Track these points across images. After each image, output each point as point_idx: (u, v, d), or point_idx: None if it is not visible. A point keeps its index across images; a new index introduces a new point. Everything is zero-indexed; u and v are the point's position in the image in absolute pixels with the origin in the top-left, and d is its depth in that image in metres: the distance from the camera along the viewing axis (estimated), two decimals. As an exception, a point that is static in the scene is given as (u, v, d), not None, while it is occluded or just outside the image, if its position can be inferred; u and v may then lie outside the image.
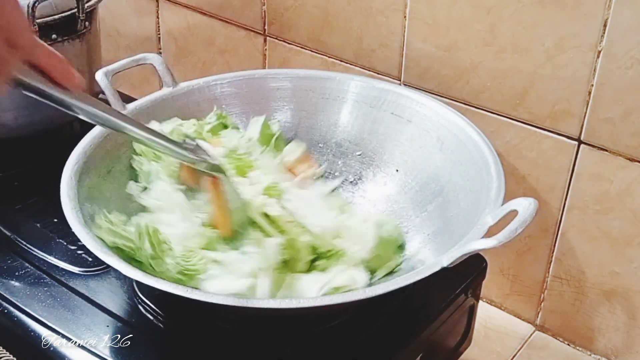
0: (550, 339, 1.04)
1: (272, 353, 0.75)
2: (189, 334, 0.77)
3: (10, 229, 0.93)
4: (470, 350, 0.94)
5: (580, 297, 0.99)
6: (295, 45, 1.16)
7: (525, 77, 0.93)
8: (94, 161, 0.84)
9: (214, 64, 1.30)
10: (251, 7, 1.19)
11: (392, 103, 0.95)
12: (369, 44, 1.07)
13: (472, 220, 0.74)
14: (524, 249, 1.02)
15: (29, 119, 1.05)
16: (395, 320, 0.80)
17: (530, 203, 0.67)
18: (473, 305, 0.90)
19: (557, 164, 0.95)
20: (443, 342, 0.88)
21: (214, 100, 0.97)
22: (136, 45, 1.42)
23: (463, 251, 0.66)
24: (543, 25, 0.89)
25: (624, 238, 0.93)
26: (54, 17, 1.02)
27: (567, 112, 0.91)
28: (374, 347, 0.77)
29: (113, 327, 0.78)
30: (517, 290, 1.06)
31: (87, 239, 0.71)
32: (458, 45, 0.97)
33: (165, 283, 0.67)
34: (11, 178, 1.04)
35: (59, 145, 0.91)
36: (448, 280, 0.84)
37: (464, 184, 0.84)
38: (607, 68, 0.86)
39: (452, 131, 0.88)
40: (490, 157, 0.82)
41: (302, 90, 0.99)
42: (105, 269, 0.86)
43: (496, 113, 0.97)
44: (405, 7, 1.00)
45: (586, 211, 0.95)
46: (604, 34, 0.85)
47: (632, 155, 0.88)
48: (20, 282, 0.85)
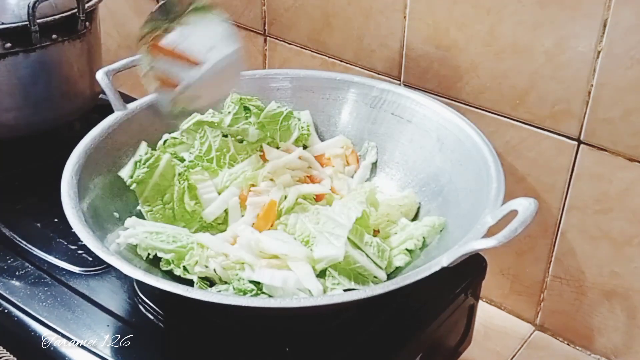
0: (550, 339, 1.04)
1: (272, 353, 0.75)
2: (189, 334, 0.77)
3: (11, 229, 0.94)
4: (470, 350, 0.94)
5: (580, 297, 0.99)
6: (295, 45, 1.17)
7: (525, 77, 0.93)
8: (94, 161, 0.84)
9: (214, 64, 1.30)
10: (251, 7, 1.19)
11: (392, 103, 0.95)
12: (369, 44, 1.07)
13: (472, 220, 0.74)
14: (524, 249, 1.02)
15: (29, 119, 1.05)
16: (395, 320, 0.80)
17: (531, 203, 0.67)
18: (473, 305, 0.90)
19: (557, 164, 0.95)
20: (443, 342, 0.88)
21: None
22: (136, 46, 1.42)
23: (463, 251, 0.66)
24: (543, 25, 0.89)
25: (624, 238, 0.93)
26: (54, 17, 1.02)
27: (567, 112, 0.91)
28: (374, 346, 0.77)
29: (113, 326, 0.78)
30: (517, 290, 1.06)
31: (87, 238, 0.71)
32: (458, 46, 0.97)
33: (166, 283, 0.67)
34: (11, 178, 1.04)
35: (59, 145, 0.91)
36: (448, 280, 0.84)
37: (464, 184, 0.84)
38: (607, 68, 0.86)
39: (452, 131, 0.88)
40: (490, 157, 0.82)
41: (302, 91, 0.99)
42: (105, 269, 0.86)
43: (496, 113, 0.97)
44: (405, 7, 1.00)
45: (586, 211, 0.95)
46: (604, 34, 0.85)
47: (632, 155, 0.88)
48: (20, 282, 0.85)
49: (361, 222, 0.78)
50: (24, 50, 1.00)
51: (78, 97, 1.10)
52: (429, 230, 0.81)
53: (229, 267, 0.77)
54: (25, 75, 1.02)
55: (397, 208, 0.86)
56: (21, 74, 1.01)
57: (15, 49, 0.99)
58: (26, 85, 1.02)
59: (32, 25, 0.98)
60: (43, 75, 1.04)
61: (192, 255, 0.77)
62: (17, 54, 1.00)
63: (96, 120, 0.89)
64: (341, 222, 0.77)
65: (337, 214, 0.79)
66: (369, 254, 0.77)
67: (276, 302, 0.68)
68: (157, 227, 0.80)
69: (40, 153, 1.08)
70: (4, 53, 0.99)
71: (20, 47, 1.00)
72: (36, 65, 1.02)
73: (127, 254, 0.77)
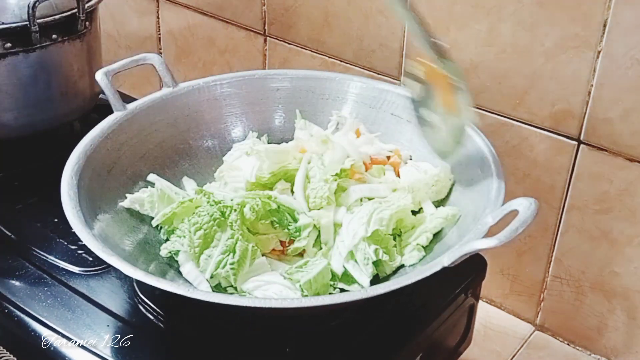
0: (550, 339, 1.04)
1: (272, 353, 0.75)
2: (189, 334, 0.77)
3: (11, 229, 0.93)
4: (470, 350, 0.94)
5: (580, 297, 0.99)
6: (295, 45, 1.17)
7: (525, 77, 0.93)
8: (94, 161, 0.84)
9: (214, 64, 1.30)
10: (251, 7, 1.19)
11: (391, 103, 0.95)
12: (368, 44, 1.07)
13: (473, 220, 0.74)
14: (524, 249, 1.02)
15: (29, 119, 1.05)
16: (395, 320, 0.80)
17: (531, 203, 0.67)
18: (473, 305, 0.90)
19: (557, 164, 0.95)
20: (443, 342, 0.88)
21: (214, 100, 0.97)
22: (136, 45, 1.42)
23: (464, 251, 0.66)
24: (543, 25, 0.89)
25: (624, 238, 0.93)
26: (54, 17, 1.02)
27: (567, 112, 0.91)
28: (374, 347, 0.77)
29: (113, 326, 0.78)
30: (517, 290, 1.06)
31: (87, 238, 0.71)
32: (458, 45, 0.97)
33: (166, 282, 0.67)
34: (11, 178, 1.04)
35: (59, 145, 0.91)
36: (448, 280, 0.84)
37: (464, 184, 0.84)
38: (607, 68, 0.86)
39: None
40: (490, 157, 0.82)
41: (302, 91, 0.99)
42: (105, 269, 0.86)
43: (496, 113, 0.97)
44: (405, 7, 1.00)
45: (586, 211, 0.95)
46: (604, 34, 0.85)
47: (631, 155, 0.88)
48: (20, 282, 0.85)
49: (373, 239, 0.78)
50: (24, 50, 1.00)
51: (78, 97, 1.10)
52: (441, 222, 0.81)
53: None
54: (25, 75, 1.02)
55: (427, 188, 0.84)
56: (21, 74, 1.01)
57: (15, 49, 0.99)
58: (26, 85, 1.02)
59: (32, 25, 0.98)
60: (43, 75, 1.04)
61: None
62: (17, 54, 1.00)
63: (96, 120, 0.89)
64: (347, 240, 0.78)
65: (351, 225, 0.79)
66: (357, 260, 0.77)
67: (276, 302, 0.68)
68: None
69: (40, 153, 1.08)
70: (4, 53, 0.99)
71: (20, 47, 1.00)
72: (36, 65, 1.02)
73: (133, 251, 0.78)
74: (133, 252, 0.79)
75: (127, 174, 0.87)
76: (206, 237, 0.77)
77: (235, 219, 0.77)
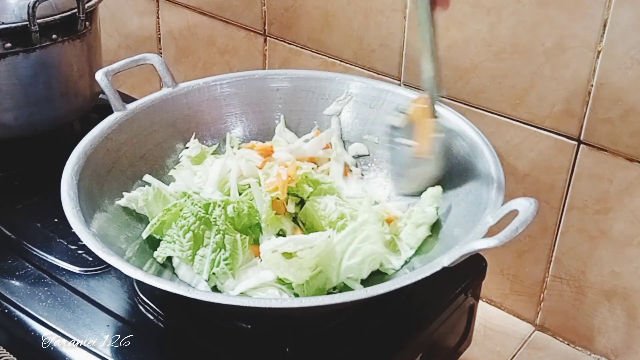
0: (550, 339, 1.04)
1: (272, 353, 0.75)
2: (189, 334, 0.77)
3: (11, 229, 0.93)
4: (470, 350, 0.94)
5: (580, 297, 0.99)
6: (295, 45, 1.17)
7: (525, 77, 0.93)
8: (93, 161, 0.84)
9: (214, 64, 1.30)
10: (251, 7, 1.19)
11: (391, 103, 0.95)
12: (368, 44, 1.07)
13: (473, 220, 0.74)
14: (524, 249, 1.02)
15: (29, 119, 1.05)
16: (395, 320, 0.80)
17: (531, 203, 0.67)
18: (473, 305, 0.90)
19: (557, 164, 0.95)
20: (443, 342, 0.88)
21: (214, 100, 0.97)
22: (136, 45, 1.42)
23: (464, 251, 0.66)
24: (543, 25, 0.89)
25: (624, 238, 0.93)
26: (54, 17, 1.02)
27: (567, 112, 0.91)
28: (374, 347, 0.77)
29: (113, 326, 0.78)
30: (517, 290, 1.06)
31: (87, 238, 0.71)
32: (458, 45, 0.97)
33: (165, 282, 0.67)
34: (11, 178, 1.04)
35: (59, 145, 0.91)
36: (448, 280, 0.84)
37: (464, 184, 0.84)
38: (607, 68, 0.86)
39: (451, 131, 0.88)
40: (490, 157, 0.82)
41: (302, 91, 0.99)
42: (105, 269, 0.86)
43: (496, 113, 0.97)
44: (405, 7, 1.00)
45: (586, 211, 0.95)
46: (604, 34, 0.85)
47: (631, 155, 0.88)
48: (20, 282, 0.85)
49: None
50: (24, 50, 1.00)
51: (78, 97, 1.10)
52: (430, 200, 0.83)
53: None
54: (25, 75, 1.02)
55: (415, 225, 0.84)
56: (21, 74, 1.01)
57: (15, 49, 0.99)
58: (26, 85, 1.02)
59: (32, 25, 0.98)
60: (43, 75, 1.04)
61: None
62: (17, 54, 1.00)
63: (96, 120, 0.89)
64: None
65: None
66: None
67: (276, 302, 0.68)
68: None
69: (40, 153, 1.08)
70: (4, 53, 0.99)
71: (20, 47, 1.00)
72: (36, 65, 1.02)
73: (137, 252, 0.78)
74: (132, 252, 0.79)
75: (126, 174, 0.87)
76: (196, 238, 0.77)
77: (220, 214, 0.78)
